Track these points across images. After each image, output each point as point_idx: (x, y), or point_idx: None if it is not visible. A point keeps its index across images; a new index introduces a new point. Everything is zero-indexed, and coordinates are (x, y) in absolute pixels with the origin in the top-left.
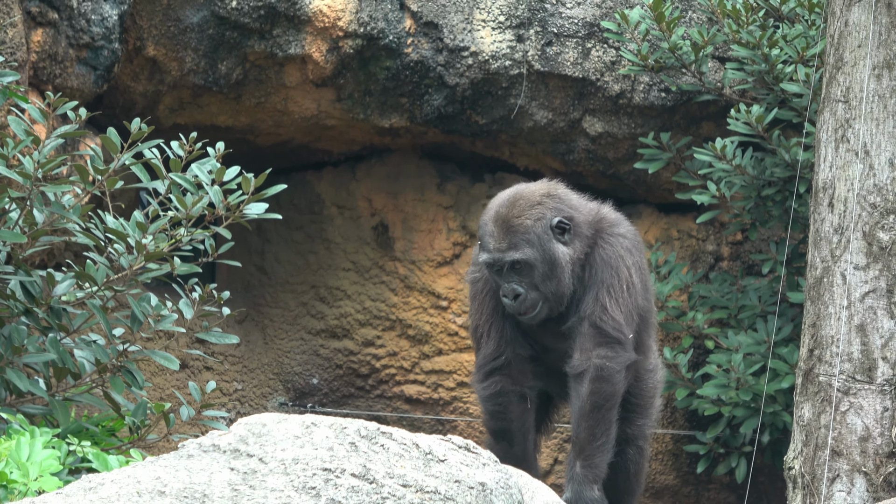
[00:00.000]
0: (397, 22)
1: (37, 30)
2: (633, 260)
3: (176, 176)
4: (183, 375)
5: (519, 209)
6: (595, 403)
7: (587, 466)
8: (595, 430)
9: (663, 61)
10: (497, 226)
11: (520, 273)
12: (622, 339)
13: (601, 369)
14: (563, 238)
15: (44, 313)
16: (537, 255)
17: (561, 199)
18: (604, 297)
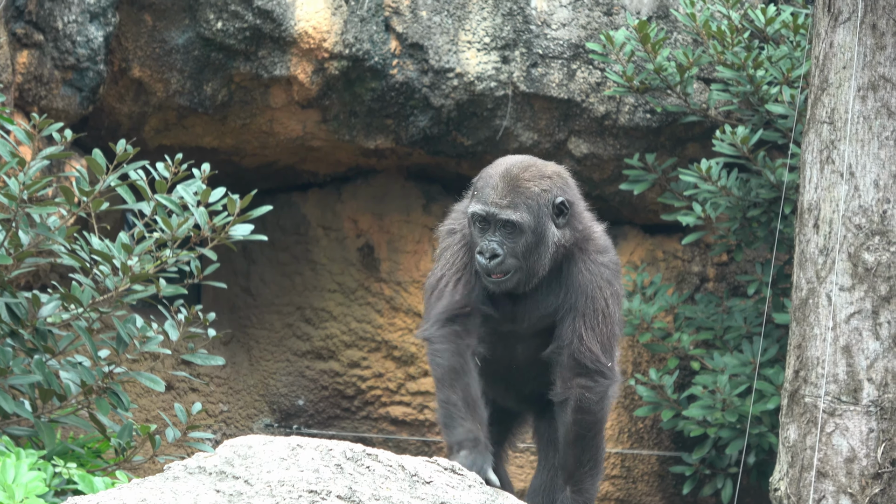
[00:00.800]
0: (382, 43)
1: (22, 51)
2: (612, 290)
3: (161, 197)
4: (168, 397)
5: (531, 174)
6: (578, 434)
7: (577, 491)
8: (581, 457)
9: (648, 82)
10: (504, 181)
11: (506, 234)
12: (601, 369)
13: (580, 400)
14: (558, 220)
15: (29, 335)
16: (532, 223)
17: (568, 184)
18: (580, 327)
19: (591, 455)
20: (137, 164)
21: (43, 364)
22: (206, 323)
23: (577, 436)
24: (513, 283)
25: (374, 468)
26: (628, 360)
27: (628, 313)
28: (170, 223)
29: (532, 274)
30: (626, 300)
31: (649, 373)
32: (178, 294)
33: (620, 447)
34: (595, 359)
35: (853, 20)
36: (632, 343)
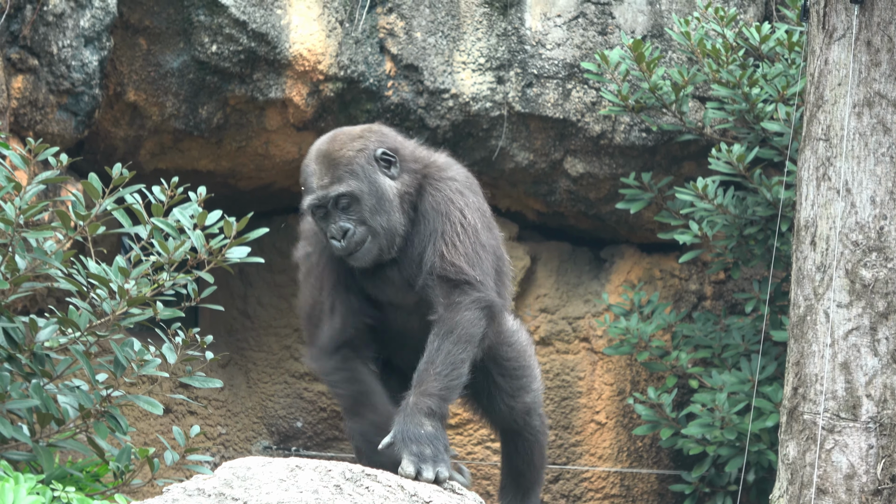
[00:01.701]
0: (377, 65)
1: (17, 76)
2: (466, 201)
3: (158, 221)
4: (167, 420)
5: (340, 143)
6: (438, 334)
7: (420, 395)
8: (435, 358)
9: (644, 101)
10: (319, 162)
11: (347, 209)
12: (469, 280)
13: (450, 306)
14: (390, 171)
15: (27, 359)
16: (363, 186)
17: (384, 134)
18: (440, 245)
19: (447, 361)
20: (133, 187)
21: (41, 388)
22: (203, 346)
23: (436, 335)
24: (375, 250)
25: (373, 489)
26: (626, 379)
27: (626, 332)
28: (166, 246)
29: (391, 233)
30: (624, 319)
31: (648, 391)
32: (175, 317)
33: (619, 466)
34: (459, 271)
35: (848, 37)
36: (630, 362)
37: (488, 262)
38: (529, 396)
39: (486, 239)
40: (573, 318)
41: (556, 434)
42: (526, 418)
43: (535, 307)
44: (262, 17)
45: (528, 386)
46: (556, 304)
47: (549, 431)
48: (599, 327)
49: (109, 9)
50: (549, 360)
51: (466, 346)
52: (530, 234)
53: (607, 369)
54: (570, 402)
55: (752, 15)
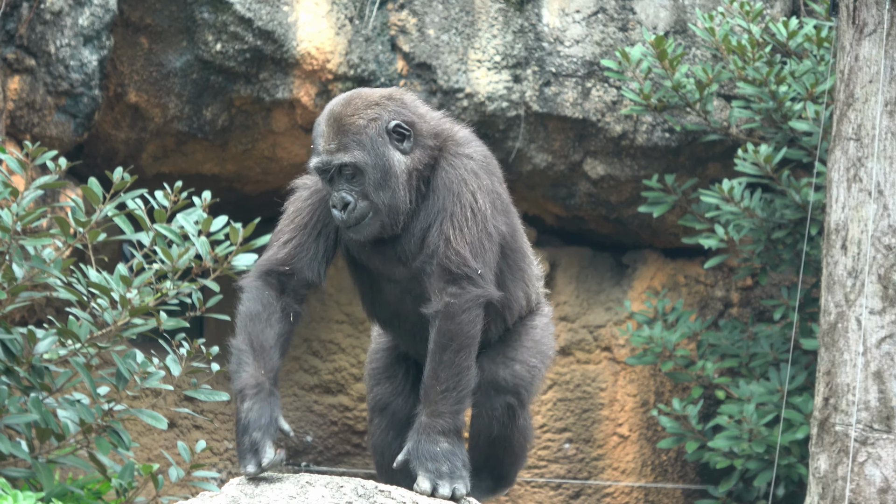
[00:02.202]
0: (388, 63)
1: (13, 77)
2: (480, 183)
3: (161, 227)
4: (171, 435)
5: (353, 108)
6: (438, 344)
7: (432, 415)
8: (439, 372)
9: (666, 100)
10: (329, 125)
11: (350, 180)
12: (469, 274)
13: (446, 307)
14: (402, 145)
15: (25, 372)
16: (368, 159)
17: (404, 104)
18: (447, 228)
19: (451, 374)
20: (135, 192)
21: (40, 402)
22: (209, 357)
23: (437, 347)
24: (376, 227)
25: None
26: (650, 390)
27: (649, 341)
28: (170, 254)
29: (395, 210)
30: (647, 327)
31: (672, 403)
32: (179, 327)
33: (643, 480)
34: (462, 262)
35: (879, 32)
36: (654, 372)
37: (491, 253)
38: (506, 373)
39: (495, 226)
40: (594, 327)
41: (577, 448)
42: (491, 392)
43: (555, 315)
44: (268, 15)
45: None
46: (577, 312)
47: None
48: (622, 336)
49: (109, 6)
50: (570, 371)
51: (469, 351)
52: (549, 240)
53: (630, 380)
54: (591, 414)
55: (779, 9)
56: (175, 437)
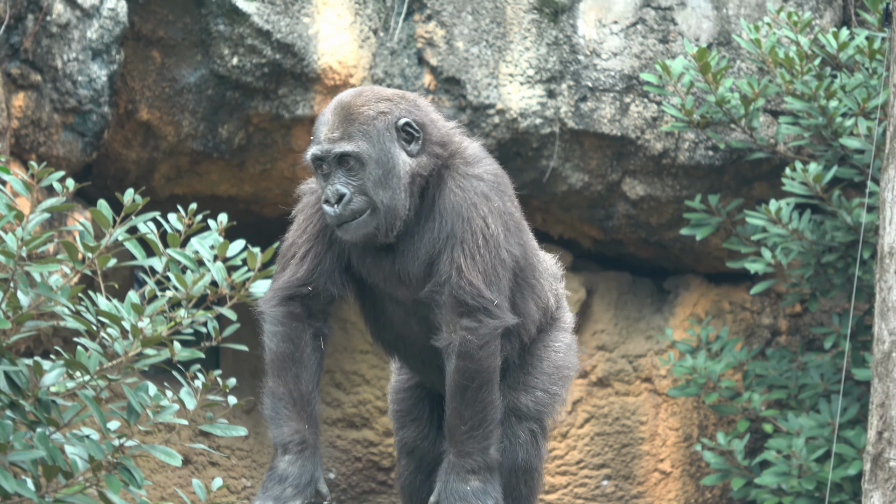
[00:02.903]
0: (415, 78)
1: (18, 93)
2: (491, 206)
3: (174, 252)
4: (186, 472)
5: (364, 99)
6: (458, 384)
7: (460, 455)
8: (463, 412)
9: (710, 116)
10: (335, 113)
11: (349, 173)
12: (486, 306)
13: (463, 344)
14: (409, 146)
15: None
16: (372, 151)
17: (417, 105)
18: (458, 256)
19: (475, 412)
20: (147, 215)
21: (46, 438)
22: (225, 389)
23: (457, 387)
24: (371, 227)
25: None
26: (693, 424)
27: (692, 371)
28: (184, 280)
29: (392, 214)
30: (690, 357)
31: (717, 437)
32: (194, 358)
33: None
34: (477, 293)
35: None
36: (697, 404)
37: (506, 280)
38: (528, 399)
39: (508, 251)
40: (634, 357)
41: (616, 485)
42: (513, 421)
43: (592, 344)
44: (287, 27)
45: (532, 387)
46: (615, 340)
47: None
48: (663, 366)
49: (119, 18)
50: (608, 403)
51: (490, 386)
52: (586, 264)
53: (672, 413)
54: (631, 449)
55: (828, 20)
56: (190, 474)
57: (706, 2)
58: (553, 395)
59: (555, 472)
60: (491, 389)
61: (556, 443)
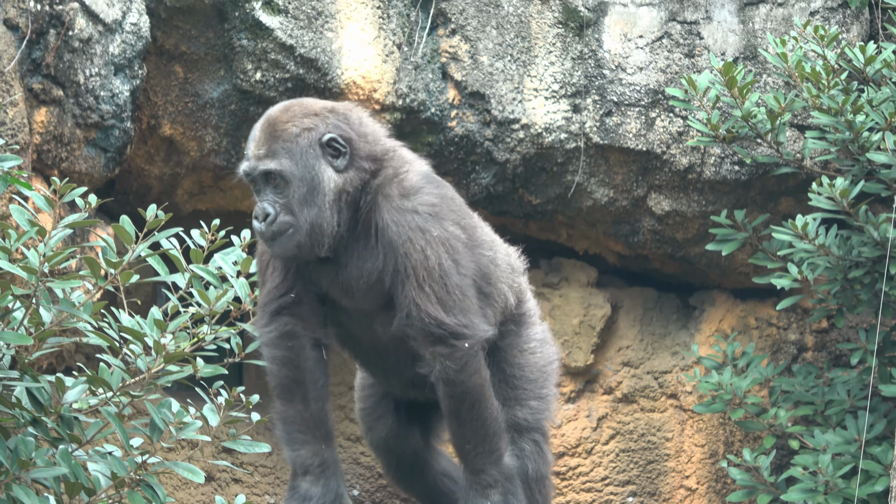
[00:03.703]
0: (440, 93)
1: (40, 109)
2: (429, 237)
3: (197, 268)
4: (209, 489)
5: (292, 114)
6: (451, 409)
7: (474, 472)
8: (464, 433)
9: (736, 131)
10: (262, 129)
11: (276, 190)
12: (451, 331)
13: (443, 371)
14: (335, 162)
15: (53, 423)
16: (295, 170)
17: (346, 119)
18: (410, 292)
19: (475, 429)
20: (170, 231)
21: (69, 455)
22: (249, 406)
23: (451, 410)
24: (293, 244)
25: None
26: (719, 440)
27: (718, 387)
28: (207, 296)
29: (318, 232)
30: (716, 373)
31: (743, 453)
32: (217, 375)
33: None
34: (438, 323)
35: None
36: (723, 421)
37: (467, 298)
38: (524, 412)
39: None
40: (659, 373)
41: (641, 502)
42: (514, 436)
43: (617, 360)
44: (311, 41)
45: (524, 399)
46: (641, 356)
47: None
48: (689, 382)
49: (142, 33)
50: (633, 420)
51: (482, 400)
52: (611, 280)
53: (698, 429)
54: (656, 465)
55: (855, 34)
56: (213, 491)
57: (732, 16)
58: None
59: (580, 489)
60: (484, 405)
61: (581, 459)
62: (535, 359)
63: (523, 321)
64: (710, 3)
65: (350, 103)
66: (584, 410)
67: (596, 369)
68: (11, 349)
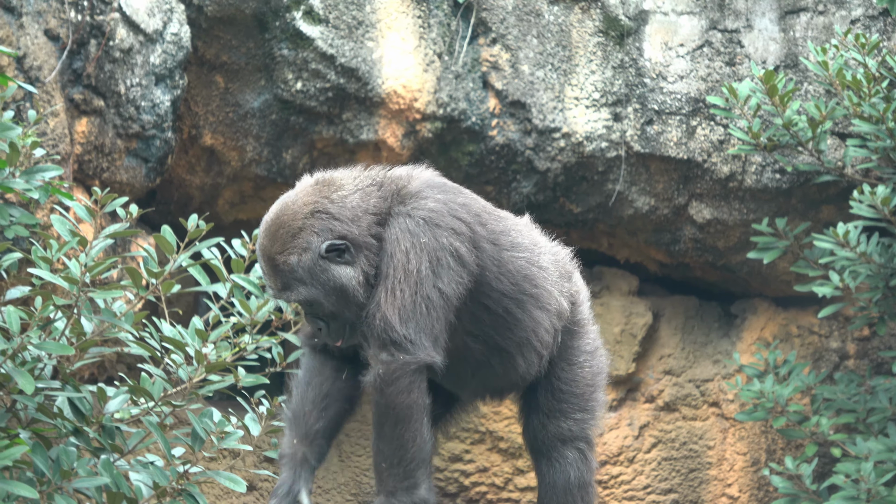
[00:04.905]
0: (480, 102)
1: (81, 119)
2: (416, 241)
3: (238, 278)
4: (251, 499)
5: (281, 243)
6: (375, 419)
7: (387, 494)
8: (383, 449)
9: (777, 139)
10: (264, 262)
11: (312, 308)
12: (397, 340)
13: (375, 379)
14: (345, 258)
15: (95, 433)
16: (316, 290)
17: (330, 215)
18: (380, 291)
19: (393, 450)
20: (211, 241)
21: (111, 465)
22: None
23: (375, 422)
24: (357, 336)
25: None
26: (761, 448)
27: (760, 396)
28: (248, 306)
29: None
30: (757, 381)
31: (785, 461)
32: (258, 384)
33: None
34: (388, 327)
35: None
36: (765, 429)
37: (430, 317)
38: (568, 423)
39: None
40: (701, 381)
41: None
42: (558, 444)
43: (659, 369)
44: (351, 51)
45: (569, 412)
46: (682, 365)
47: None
48: (730, 390)
49: (182, 43)
50: (675, 428)
51: (407, 423)
52: (652, 288)
53: (740, 437)
54: (698, 474)
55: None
56: (255, 500)
57: (773, 24)
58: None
59: (622, 497)
60: (409, 427)
61: (623, 468)
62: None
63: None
64: (750, 11)
65: (322, 175)
66: (625, 419)
67: (637, 378)
68: (53, 359)
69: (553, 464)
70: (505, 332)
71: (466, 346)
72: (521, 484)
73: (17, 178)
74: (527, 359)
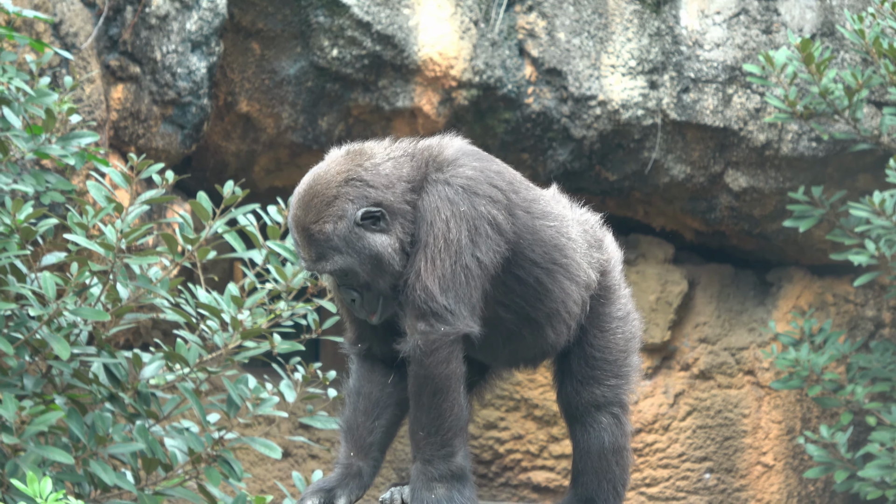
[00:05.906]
0: (516, 69)
1: (117, 85)
2: (455, 209)
3: (274, 244)
4: (286, 465)
5: (316, 212)
6: (412, 391)
7: (423, 462)
8: (419, 417)
9: (813, 107)
10: (298, 233)
11: (346, 279)
12: (437, 311)
13: (414, 350)
14: (380, 226)
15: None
16: (352, 259)
17: (364, 182)
18: (419, 260)
19: (431, 419)
20: (247, 207)
21: (146, 430)
22: (325, 382)
23: (413, 392)
24: (391, 308)
25: None
26: (796, 417)
27: (795, 364)
28: (284, 273)
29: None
30: (793, 349)
31: (820, 430)
32: (294, 351)
33: None
34: (429, 297)
35: None
36: (800, 397)
37: (469, 286)
38: (602, 389)
39: (475, 256)
40: (736, 349)
41: (718, 478)
42: (592, 410)
43: (694, 337)
44: (387, 18)
45: (602, 379)
46: (718, 333)
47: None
48: (766, 359)
49: (219, 10)
50: (710, 396)
51: (445, 393)
52: (688, 256)
53: (775, 405)
54: (733, 442)
55: None
56: (290, 467)
57: None
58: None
59: (657, 465)
60: (447, 396)
61: (658, 435)
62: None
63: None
64: None
65: (352, 146)
66: (660, 387)
67: (673, 346)
68: (89, 325)
69: (587, 429)
70: (536, 303)
71: (498, 317)
72: (556, 451)
73: (54, 144)
74: (556, 329)
